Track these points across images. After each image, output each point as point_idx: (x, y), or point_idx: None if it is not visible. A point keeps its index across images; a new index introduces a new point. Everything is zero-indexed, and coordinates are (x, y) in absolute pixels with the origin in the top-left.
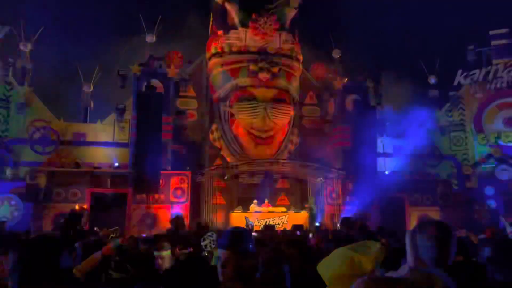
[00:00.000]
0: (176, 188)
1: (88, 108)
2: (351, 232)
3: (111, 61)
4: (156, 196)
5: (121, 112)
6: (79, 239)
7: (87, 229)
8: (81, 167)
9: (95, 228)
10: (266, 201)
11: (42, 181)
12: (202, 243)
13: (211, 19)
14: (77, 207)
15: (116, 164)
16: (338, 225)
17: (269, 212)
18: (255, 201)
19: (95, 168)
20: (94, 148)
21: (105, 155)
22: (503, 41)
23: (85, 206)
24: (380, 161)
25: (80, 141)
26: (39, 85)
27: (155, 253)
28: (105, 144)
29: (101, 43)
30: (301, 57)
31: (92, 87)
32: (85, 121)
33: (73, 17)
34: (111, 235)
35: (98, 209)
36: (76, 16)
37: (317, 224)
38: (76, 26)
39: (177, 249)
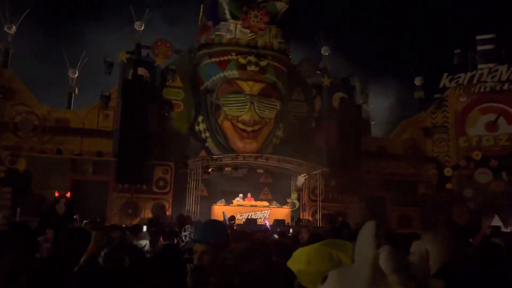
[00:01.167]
0: (159, 179)
1: (73, 94)
2: (335, 229)
3: (98, 47)
4: (139, 185)
5: (106, 99)
6: (56, 227)
7: (61, 214)
8: (63, 153)
9: (74, 216)
10: (249, 194)
11: (21, 166)
12: (183, 233)
13: (202, 9)
14: (56, 194)
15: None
16: (320, 221)
17: (252, 206)
18: (240, 195)
19: (77, 155)
20: (77, 134)
21: (88, 143)
22: (489, 47)
23: (67, 195)
24: (363, 159)
25: (63, 127)
26: (22, 69)
27: (134, 242)
28: (88, 131)
29: (89, 29)
30: (290, 52)
31: (77, 73)
32: (69, 107)
33: (60, 1)
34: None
35: (79, 196)
36: (63, 1)
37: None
38: (63, 10)
39: (161, 239)
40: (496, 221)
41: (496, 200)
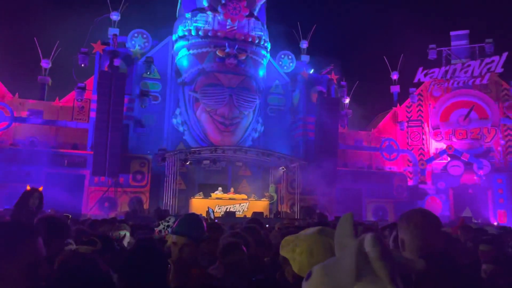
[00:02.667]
0: (136, 172)
1: (46, 85)
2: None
3: (73, 37)
4: (115, 179)
5: (81, 91)
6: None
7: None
8: (37, 145)
9: (49, 210)
10: (232, 189)
11: None
12: (156, 228)
13: (180, 0)
14: (28, 187)
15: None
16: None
17: (230, 199)
18: (220, 188)
19: (51, 147)
20: (51, 126)
21: (63, 135)
22: (463, 42)
23: (40, 189)
24: (340, 151)
25: (36, 119)
26: None
27: (115, 233)
28: (63, 123)
29: (63, 18)
30: (268, 46)
31: (50, 63)
32: (42, 98)
33: None
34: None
35: (54, 190)
36: None
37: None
38: None
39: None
40: (467, 213)
41: (467, 192)
